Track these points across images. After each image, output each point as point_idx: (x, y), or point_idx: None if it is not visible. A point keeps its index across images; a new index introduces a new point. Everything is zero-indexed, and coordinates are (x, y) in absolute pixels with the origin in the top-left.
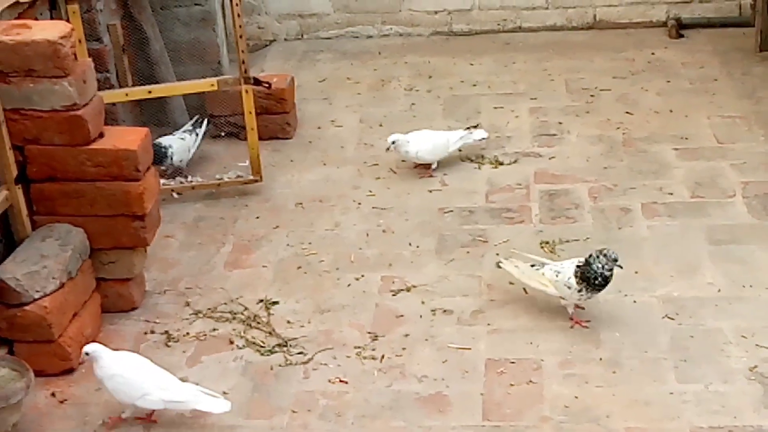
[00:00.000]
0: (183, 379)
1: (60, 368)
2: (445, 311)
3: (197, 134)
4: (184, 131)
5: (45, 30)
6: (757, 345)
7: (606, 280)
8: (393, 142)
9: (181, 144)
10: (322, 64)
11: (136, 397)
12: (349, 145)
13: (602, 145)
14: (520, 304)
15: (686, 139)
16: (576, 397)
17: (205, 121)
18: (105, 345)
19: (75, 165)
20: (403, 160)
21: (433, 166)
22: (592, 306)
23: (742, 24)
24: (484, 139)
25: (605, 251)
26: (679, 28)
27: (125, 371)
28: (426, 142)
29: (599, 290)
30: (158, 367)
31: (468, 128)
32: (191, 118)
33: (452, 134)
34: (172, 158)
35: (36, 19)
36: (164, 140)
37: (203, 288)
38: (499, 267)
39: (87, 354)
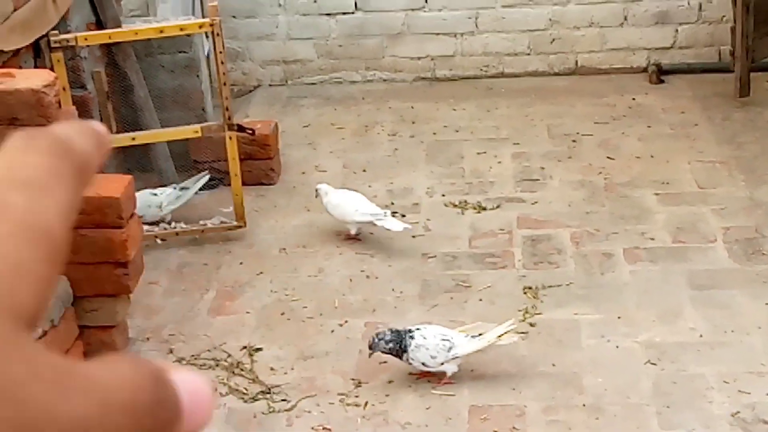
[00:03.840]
0: None
1: None
2: None
3: (185, 190)
4: (178, 186)
5: (29, 79)
6: (739, 391)
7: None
8: (317, 190)
9: (147, 200)
10: (306, 109)
11: None
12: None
13: (584, 191)
14: (503, 350)
15: (667, 184)
16: None
17: (205, 179)
18: None
19: None
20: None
21: (352, 232)
22: (575, 351)
23: (722, 70)
24: (392, 230)
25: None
26: (660, 73)
27: None
28: (336, 200)
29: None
30: None
31: (391, 212)
32: (175, 165)
33: (367, 207)
34: None
35: (20, 67)
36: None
37: (186, 335)
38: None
39: None
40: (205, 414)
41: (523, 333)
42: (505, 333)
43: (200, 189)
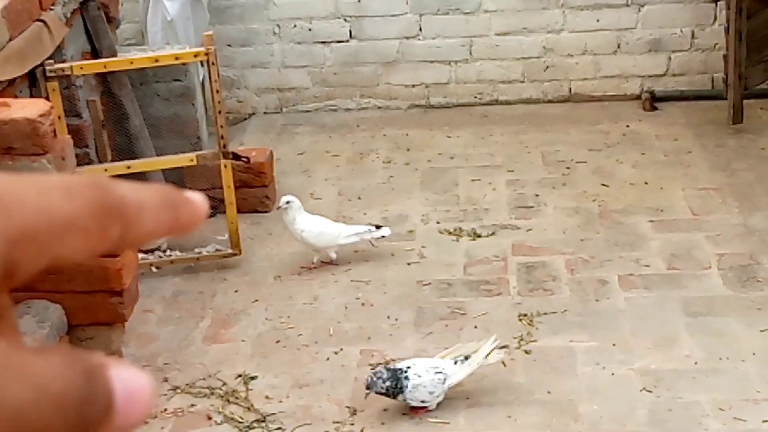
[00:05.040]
0: None
1: None
2: None
3: None
4: None
5: (24, 108)
6: (734, 418)
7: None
8: (287, 202)
9: None
10: (301, 137)
11: None
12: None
13: (579, 218)
14: (498, 378)
15: (661, 211)
16: None
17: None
18: None
19: None
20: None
21: (333, 256)
22: (570, 379)
23: (715, 97)
24: (384, 237)
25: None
26: (653, 101)
27: None
28: (315, 227)
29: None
30: None
31: (375, 226)
32: None
33: (348, 228)
34: None
35: (16, 96)
36: None
37: (181, 363)
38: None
39: None
40: (140, 412)
41: (504, 347)
42: (491, 351)
43: None
